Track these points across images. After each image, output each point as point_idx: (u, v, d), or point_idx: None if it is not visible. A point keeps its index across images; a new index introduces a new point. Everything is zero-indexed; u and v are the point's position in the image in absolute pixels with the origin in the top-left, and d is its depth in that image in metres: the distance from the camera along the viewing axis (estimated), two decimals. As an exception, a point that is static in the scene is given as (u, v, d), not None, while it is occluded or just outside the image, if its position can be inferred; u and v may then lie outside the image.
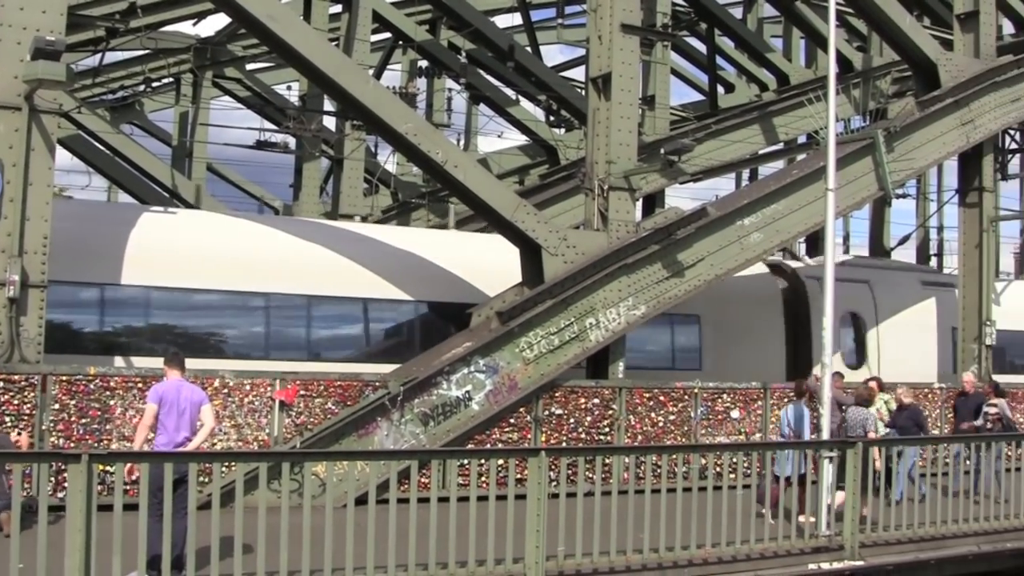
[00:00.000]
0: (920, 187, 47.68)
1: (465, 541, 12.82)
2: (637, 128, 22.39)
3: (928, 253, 48.04)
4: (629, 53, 21.36)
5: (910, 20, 26.40)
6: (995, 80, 26.68)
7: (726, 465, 15.94)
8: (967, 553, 17.41)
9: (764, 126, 32.29)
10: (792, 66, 36.60)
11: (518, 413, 19.86)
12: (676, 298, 21.39)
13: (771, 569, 15.29)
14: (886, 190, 24.81)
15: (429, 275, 22.37)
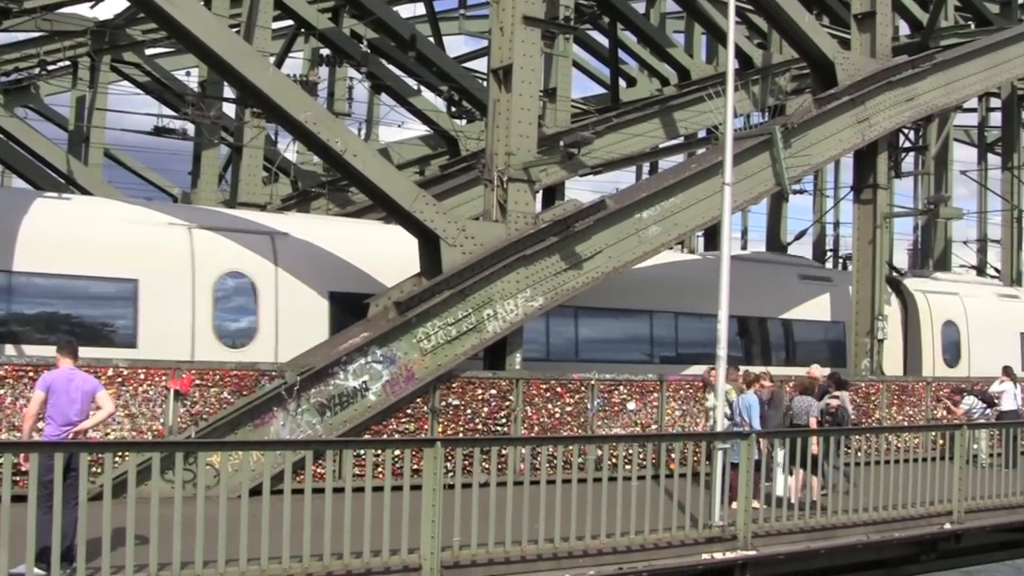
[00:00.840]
0: (817, 183, 48.37)
1: (360, 532, 12.80)
2: (537, 120, 22.41)
3: (824, 248, 48.73)
4: (531, 45, 21.38)
5: (809, 19, 26.77)
6: (890, 80, 27.14)
7: (621, 456, 16.06)
8: (856, 542, 17.76)
9: (665, 120, 32.52)
10: (693, 62, 36.91)
11: (415, 404, 19.84)
12: (574, 290, 21.48)
13: (665, 559, 15.44)
14: (783, 185, 25.14)
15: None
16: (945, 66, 28.79)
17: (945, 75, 28.77)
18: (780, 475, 17.87)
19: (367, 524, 12.86)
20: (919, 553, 19.60)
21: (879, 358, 27.23)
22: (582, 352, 25.15)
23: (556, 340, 24.91)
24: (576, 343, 25.26)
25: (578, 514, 14.58)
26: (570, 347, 25.15)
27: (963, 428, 19.82)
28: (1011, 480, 20.35)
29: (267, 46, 30.55)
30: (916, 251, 50.07)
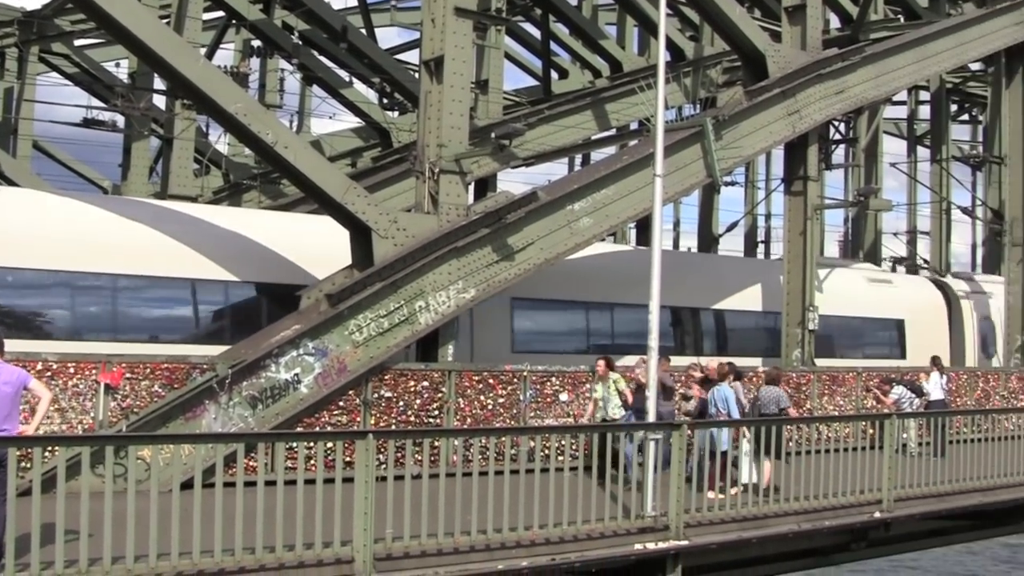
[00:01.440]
0: (748, 175, 48.70)
1: (293, 524, 12.73)
2: (469, 112, 22.41)
3: (756, 240, 49.07)
4: (462, 37, 21.35)
5: (740, 11, 26.91)
6: (820, 72, 27.37)
7: (553, 447, 16.08)
8: (787, 531, 17.86)
9: (597, 112, 32.63)
10: (625, 54, 37.02)
11: (347, 396, 19.76)
12: (506, 281, 21.48)
13: (597, 550, 15.47)
14: (714, 177, 25.28)
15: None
16: (875, 59, 29.07)
17: (875, 68, 29.06)
18: (746, 463, 18.32)
19: (300, 517, 12.77)
20: (850, 541, 19.75)
21: (810, 348, 27.46)
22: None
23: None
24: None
25: (511, 506, 14.58)
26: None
27: (893, 418, 20.00)
28: (939, 469, 20.57)
29: (198, 37, 30.36)
30: (847, 242, 50.50)
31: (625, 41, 38.46)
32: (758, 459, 18.23)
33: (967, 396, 30.30)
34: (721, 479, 17.79)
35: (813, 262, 28.25)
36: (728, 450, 18.10)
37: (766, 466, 18.25)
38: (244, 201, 31.98)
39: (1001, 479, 21.43)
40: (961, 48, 32.06)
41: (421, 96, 21.85)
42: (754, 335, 30.34)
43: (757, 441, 18.17)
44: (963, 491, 20.73)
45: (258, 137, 19.08)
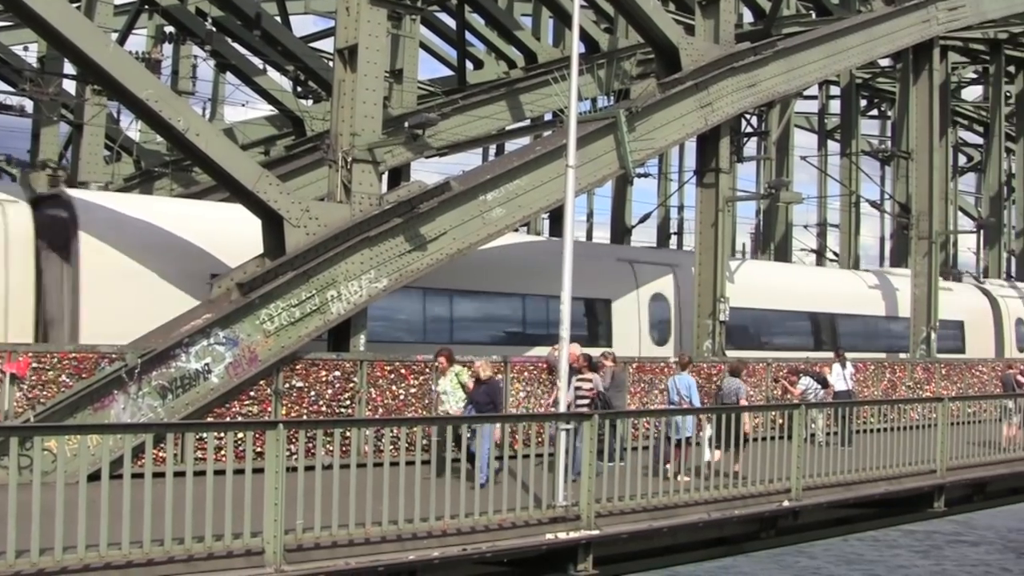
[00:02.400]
0: (661, 167, 49.00)
1: (202, 516, 12.66)
2: (383, 101, 22.36)
3: (668, 232, 49.38)
4: (376, 25, 21.29)
5: (654, 4, 27.03)
6: (733, 66, 27.57)
7: (465, 438, 16.10)
8: (698, 520, 18.03)
9: (511, 103, 32.65)
10: (540, 45, 37.04)
11: (259, 386, 19.65)
12: (418, 271, 21.45)
13: (509, 540, 15.53)
14: (627, 169, 25.40)
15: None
16: (786, 53, 29.35)
17: (786, 62, 29.34)
18: (707, 449, 19.27)
19: (209, 508, 12.72)
20: (759, 530, 20.01)
21: (721, 339, 27.71)
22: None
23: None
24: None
25: (422, 496, 14.60)
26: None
27: (801, 408, 20.26)
28: (846, 458, 20.87)
29: (109, 22, 29.93)
30: (758, 235, 51.03)
31: (540, 32, 38.48)
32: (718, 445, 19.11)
33: (874, 387, 30.76)
34: (685, 462, 18.48)
35: (725, 254, 28.49)
36: (692, 436, 19.07)
37: (717, 453, 19.08)
38: (156, 189, 31.60)
39: (906, 468, 21.80)
40: (870, 44, 32.49)
41: (335, 85, 21.77)
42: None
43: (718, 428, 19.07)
44: (870, 480, 21.07)
45: (169, 124, 18.89)
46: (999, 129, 51.14)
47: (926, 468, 22.17)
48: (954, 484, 22.94)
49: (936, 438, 22.36)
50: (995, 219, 52.07)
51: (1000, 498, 26.93)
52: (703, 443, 19.55)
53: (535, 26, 38.75)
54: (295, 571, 13.24)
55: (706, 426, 19.51)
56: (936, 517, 24.29)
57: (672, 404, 21.50)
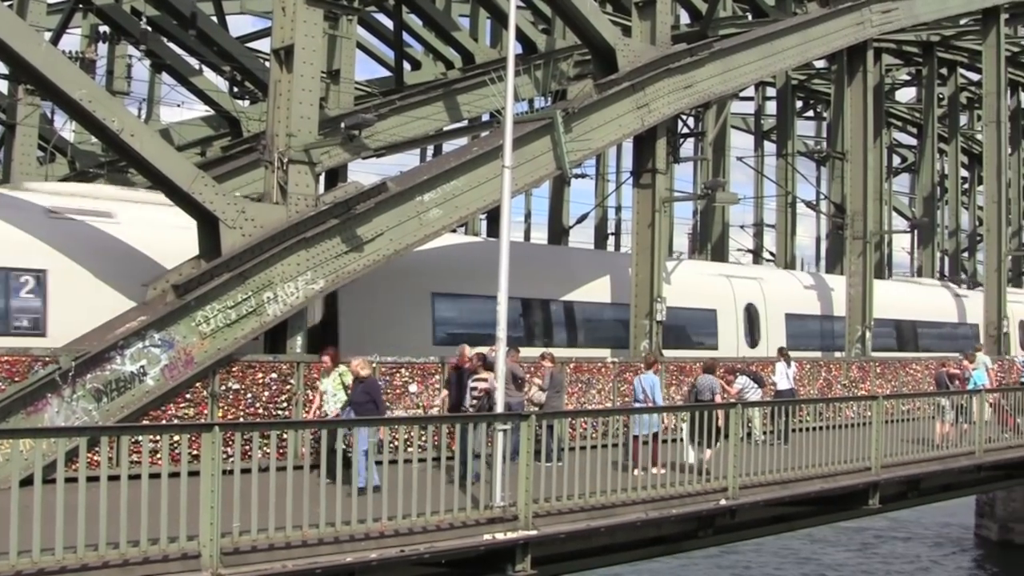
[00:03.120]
0: (599, 168, 49.17)
1: (137, 520, 12.56)
2: (320, 102, 22.30)
3: (606, 232, 49.54)
4: (313, 26, 21.23)
5: (591, 5, 27.10)
6: (669, 67, 27.71)
7: (402, 439, 16.08)
8: (635, 520, 18.10)
9: (448, 104, 32.63)
10: (478, 45, 37.05)
11: (195, 388, 19.52)
12: (355, 272, 21.39)
13: (447, 541, 15.53)
14: (564, 169, 25.47)
15: None
16: (722, 55, 29.53)
17: (722, 63, 29.51)
18: (690, 450, 20.04)
19: (144, 512, 12.62)
20: (697, 529, 20.10)
21: (658, 339, 27.81)
22: None
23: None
24: None
25: (360, 498, 14.57)
26: None
27: (738, 407, 20.39)
28: (783, 456, 21.03)
29: (42, 21, 29.62)
30: (695, 235, 51.30)
31: (478, 33, 38.51)
32: (699, 444, 19.76)
33: (810, 385, 31.01)
34: (653, 460, 19.10)
35: (662, 254, 28.62)
36: (659, 432, 19.57)
37: (708, 452, 19.77)
38: (91, 190, 31.27)
39: (842, 465, 21.99)
40: (805, 46, 32.74)
41: (271, 85, 21.68)
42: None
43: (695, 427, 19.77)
44: (806, 478, 21.25)
45: (103, 124, 18.74)
46: (932, 130, 51.77)
47: (861, 466, 22.37)
48: (888, 481, 23.16)
49: (871, 436, 22.57)
50: (928, 219, 52.67)
51: (934, 494, 27.23)
52: (685, 443, 20.43)
53: (473, 27, 38.78)
54: (232, 574, 13.18)
55: (682, 425, 20.47)
56: (871, 514, 24.47)
57: (638, 402, 21.91)
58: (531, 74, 33.70)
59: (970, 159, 63.73)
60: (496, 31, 38.26)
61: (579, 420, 22.03)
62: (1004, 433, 27.27)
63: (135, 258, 20.85)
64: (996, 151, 41.74)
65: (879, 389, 32.44)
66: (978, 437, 25.62)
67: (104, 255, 20.65)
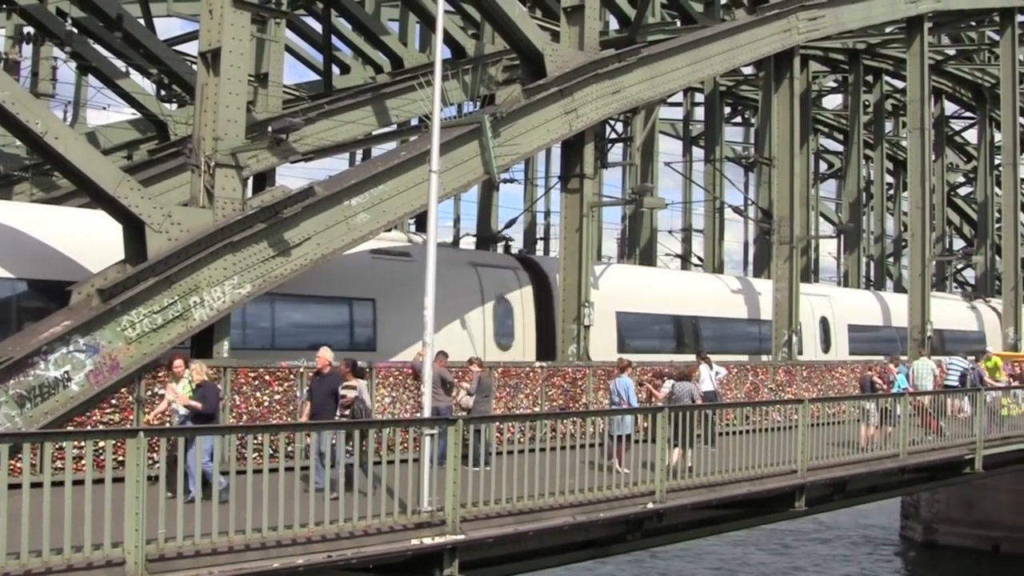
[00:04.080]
0: (528, 173, 49.23)
1: (61, 527, 12.43)
2: (247, 105, 22.16)
3: (535, 237, 49.63)
4: (240, 28, 21.11)
5: (520, 10, 27.19)
6: (597, 72, 27.80)
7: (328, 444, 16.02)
8: (563, 524, 18.09)
9: (377, 108, 32.62)
10: (407, 50, 37.04)
11: (120, 393, 19.32)
12: (282, 277, 21.25)
13: (374, 546, 15.47)
14: (491, 174, 25.50)
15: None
16: (650, 60, 29.68)
17: (650, 69, 29.66)
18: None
19: (68, 519, 12.49)
20: (625, 533, 20.14)
21: (586, 343, 27.91)
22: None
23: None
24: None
25: (286, 503, 14.49)
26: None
27: (665, 411, 20.47)
28: (710, 459, 21.15)
29: (-37, 22, 29.27)
30: (624, 240, 51.51)
31: (407, 37, 38.52)
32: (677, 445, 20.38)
33: (737, 389, 31.23)
34: (618, 458, 20.11)
35: (590, 259, 28.72)
36: (631, 433, 20.38)
37: (676, 452, 20.33)
38: (15, 194, 30.89)
39: (769, 468, 22.16)
40: (733, 52, 32.99)
41: (197, 88, 21.54)
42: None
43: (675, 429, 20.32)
44: (733, 481, 21.37)
45: (27, 127, 18.49)
46: (858, 137, 52.45)
47: (788, 469, 22.55)
48: (815, 484, 23.35)
49: (797, 439, 22.75)
50: (854, 225, 53.34)
51: (859, 496, 27.51)
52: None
53: (402, 31, 38.79)
54: (157, 581, 13.08)
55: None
56: (798, 516, 24.71)
57: (614, 404, 22.90)
58: (460, 79, 33.73)
59: (895, 165, 64.57)
60: (425, 35, 38.26)
61: (507, 424, 22.03)
62: (927, 435, 27.59)
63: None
64: (920, 158, 42.28)
65: (805, 393, 32.70)
66: (902, 440, 25.91)
67: (406, 286, 24.71)
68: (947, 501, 54.69)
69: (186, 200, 22.53)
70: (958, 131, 69.95)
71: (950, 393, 31.06)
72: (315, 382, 19.42)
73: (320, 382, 19.18)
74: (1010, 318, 47.61)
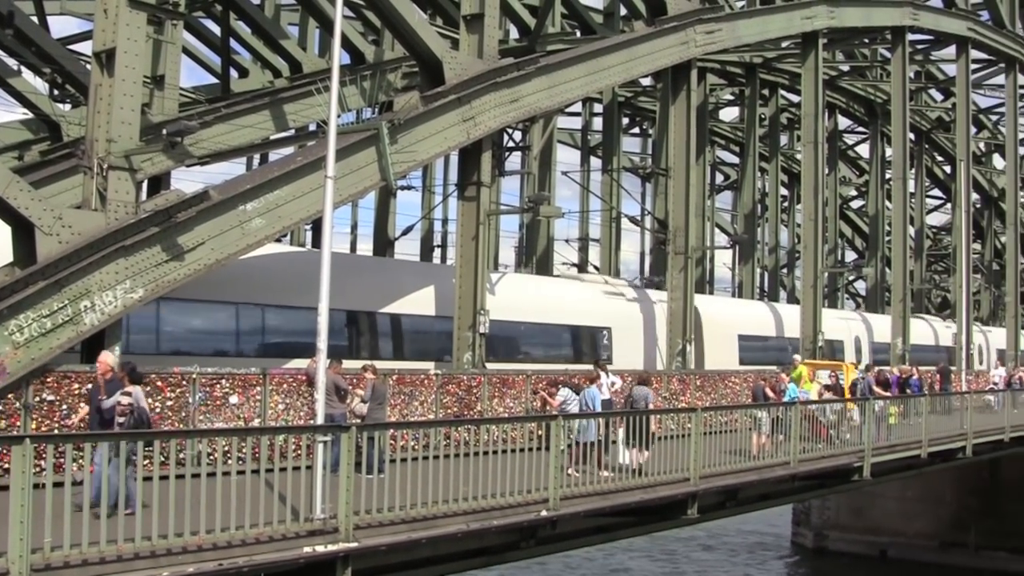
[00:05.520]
0: (426, 180, 49.26)
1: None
2: (142, 107, 21.89)
3: (432, 244, 49.62)
4: (136, 29, 20.84)
5: (419, 17, 27.17)
6: (496, 80, 27.89)
7: (220, 451, 15.87)
8: (457, 531, 18.05)
9: (275, 113, 32.40)
10: (306, 55, 36.83)
11: (7, 399, 18.93)
12: (175, 281, 21.01)
13: (266, 554, 15.32)
14: (388, 180, 25.46)
15: None
16: (549, 70, 29.83)
17: (548, 78, 29.81)
18: (623, 449, 22.07)
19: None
20: (519, 540, 20.15)
21: (481, 351, 27.93)
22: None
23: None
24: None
25: (176, 510, 14.31)
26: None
27: (559, 419, 20.53)
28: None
29: None
30: (521, 248, 51.70)
31: (307, 42, 38.32)
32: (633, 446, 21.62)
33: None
34: (587, 463, 20.84)
35: (485, 266, 28.77)
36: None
37: (633, 452, 21.61)
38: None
39: (661, 476, 22.30)
40: (631, 63, 33.26)
41: (91, 89, 21.24)
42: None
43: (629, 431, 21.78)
44: (626, 489, 21.45)
45: (-88, 126, 18.16)
46: (754, 149, 53.16)
47: (680, 477, 22.70)
48: (707, 491, 23.53)
49: (690, 447, 22.92)
50: (749, 236, 53.95)
51: (751, 504, 27.81)
52: (619, 445, 22.20)
53: (302, 36, 38.60)
54: (42, 591, 12.86)
55: (619, 430, 22.45)
56: (691, 524, 24.89)
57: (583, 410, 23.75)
58: (359, 84, 33.60)
59: (790, 178, 65.56)
60: (325, 40, 38.12)
61: (401, 432, 21.95)
62: (817, 444, 27.96)
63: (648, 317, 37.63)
64: (814, 171, 42.97)
65: (698, 401, 33.00)
66: (793, 448, 26.22)
67: (631, 317, 36.88)
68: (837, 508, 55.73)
69: (78, 203, 22.17)
70: (851, 145, 71.29)
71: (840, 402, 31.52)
72: (93, 390, 18.28)
73: (97, 390, 18.05)
74: (899, 329, 48.38)
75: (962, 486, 52.27)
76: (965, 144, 55.11)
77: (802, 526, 57.72)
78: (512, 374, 28.14)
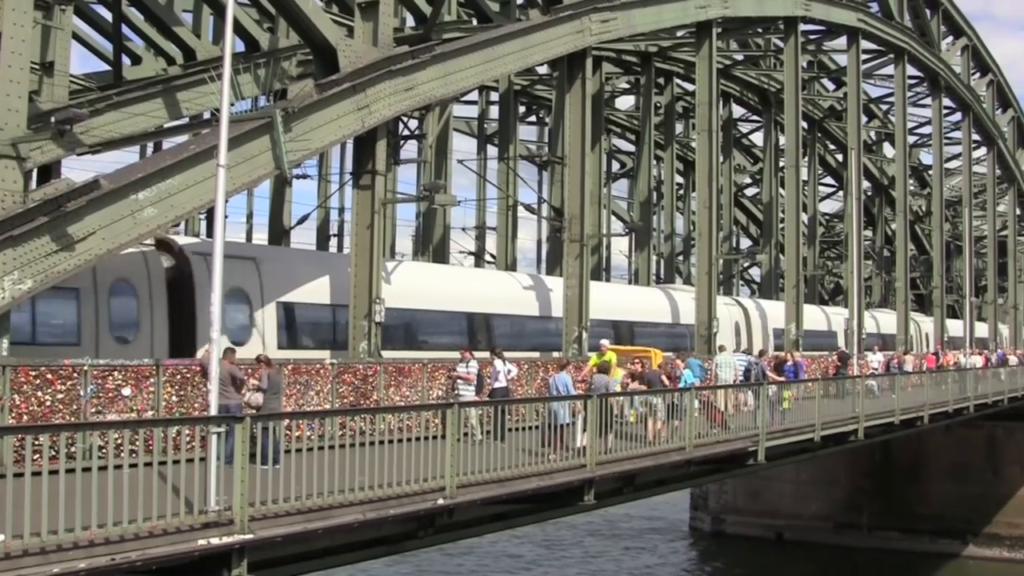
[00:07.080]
0: (321, 169, 48.97)
1: None
2: (30, 94, 21.52)
3: (328, 233, 49.35)
4: (22, 14, 20.49)
5: (313, 4, 26.99)
6: (391, 68, 27.82)
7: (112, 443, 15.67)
8: (353, 521, 17.97)
9: (168, 100, 31.99)
10: (200, 42, 36.39)
11: None
12: (65, 272, 20.71)
13: (160, 547, 15.16)
14: (282, 169, 25.30)
15: None
16: (444, 58, 29.81)
17: (444, 67, 29.79)
18: (580, 432, 23.20)
19: None
20: (417, 529, 20.12)
21: (377, 340, 27.84)
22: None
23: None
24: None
25: (67, 505, 14.10)
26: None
27: (455, 407, 20.53)
28: (501, 455, 21.28)
29: None
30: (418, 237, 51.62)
31: (201, 29, 37.80)
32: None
33: (528, 385, 31.49)
34: (561, 446, 22.41)
35: (380, 255, 28.68)
36: (568, 423, 22.84)
37: (585, 435, 22.88)
38: None
39: (559, 463, 22.40)
40: (526, 52, 33.35)
41: (-25, 75, 20.81)
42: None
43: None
44: (522, 476, 21.50)
45: None
46: (649, 137, 53.54)
47: (577, 463, 22.81)
48: (604, 478, 23.65)
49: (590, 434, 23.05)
50: (645, 223, 54.37)
51: (648, 489, 28.02)
52: (576, 429, 23.26)
53: (195, 23, 38.04)
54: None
55: (578, 416, 23.39)
56: (588, 510, 25.04)
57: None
58: (253, 72, 33.32)
59: (685, 166, 66.13)
60: (219, 28, 37.60)
61: (296, 422, 21.82)
62: (712, 429, 28.26)
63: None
64: (708, 159, 43.37)
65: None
66: (688, 433, 26.45)
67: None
68: (734, 492, 56.53)
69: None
70: (745, 133, 72.18)
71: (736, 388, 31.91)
72: None
73: None
74: (792, 315, 49.03)
75: (855, 468, 53.32)
76: (856, 133, 56.16)
77: (700, 510, 58.41)
78: (408, 362, 28.09)
